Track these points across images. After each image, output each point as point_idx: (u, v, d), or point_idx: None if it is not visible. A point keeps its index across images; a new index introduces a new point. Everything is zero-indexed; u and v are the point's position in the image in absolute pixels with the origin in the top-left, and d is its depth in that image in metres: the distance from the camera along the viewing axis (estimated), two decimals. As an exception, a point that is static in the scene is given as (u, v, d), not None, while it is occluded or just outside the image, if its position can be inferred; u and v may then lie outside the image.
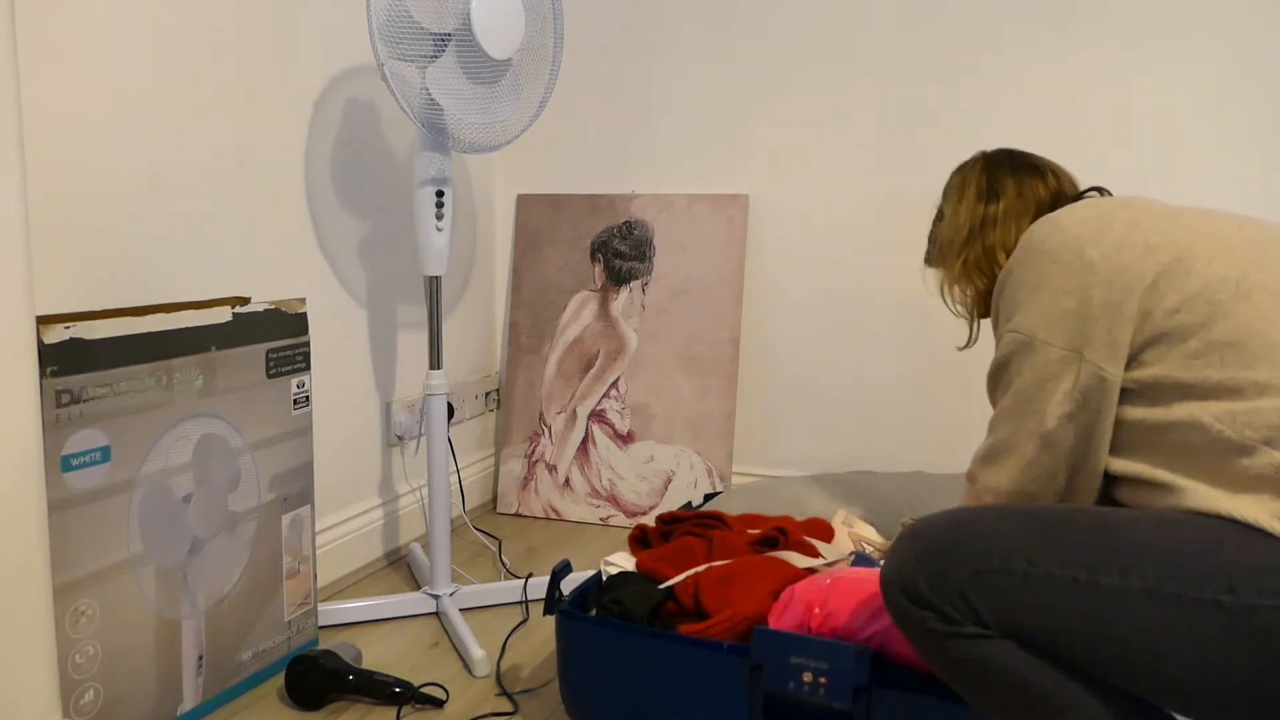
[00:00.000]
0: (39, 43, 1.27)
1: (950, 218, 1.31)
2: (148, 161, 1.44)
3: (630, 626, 1.25)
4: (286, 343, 1.49)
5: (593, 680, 1.26)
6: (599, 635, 1.25)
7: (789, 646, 1.14)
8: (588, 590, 1.36)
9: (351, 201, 1.86)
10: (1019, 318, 1.09)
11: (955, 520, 0.98)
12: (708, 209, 2.23)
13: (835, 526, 1.29)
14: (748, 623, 1.21)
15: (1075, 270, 1.05)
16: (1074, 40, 1.95)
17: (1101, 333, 1.02)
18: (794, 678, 1.14)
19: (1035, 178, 1.28)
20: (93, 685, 1.24)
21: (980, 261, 1.26)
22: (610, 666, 1.25)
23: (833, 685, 1.12)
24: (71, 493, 1.19)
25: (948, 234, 1.30)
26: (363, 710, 1.43)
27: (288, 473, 1.52)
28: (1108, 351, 1.02)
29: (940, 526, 0.98)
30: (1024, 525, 0.95)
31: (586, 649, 1.26)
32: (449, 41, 1.53)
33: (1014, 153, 1.33)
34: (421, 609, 1.75)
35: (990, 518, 0.97)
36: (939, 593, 0.94)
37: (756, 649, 1.16)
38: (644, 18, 2.26)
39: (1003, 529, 0.95)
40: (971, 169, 1.33)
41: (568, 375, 2.30)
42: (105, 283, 1.38)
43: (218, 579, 1.41)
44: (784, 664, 1.14)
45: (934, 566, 0.95)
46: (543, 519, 2.28)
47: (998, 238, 1.25)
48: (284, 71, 1.67)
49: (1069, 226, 1.08)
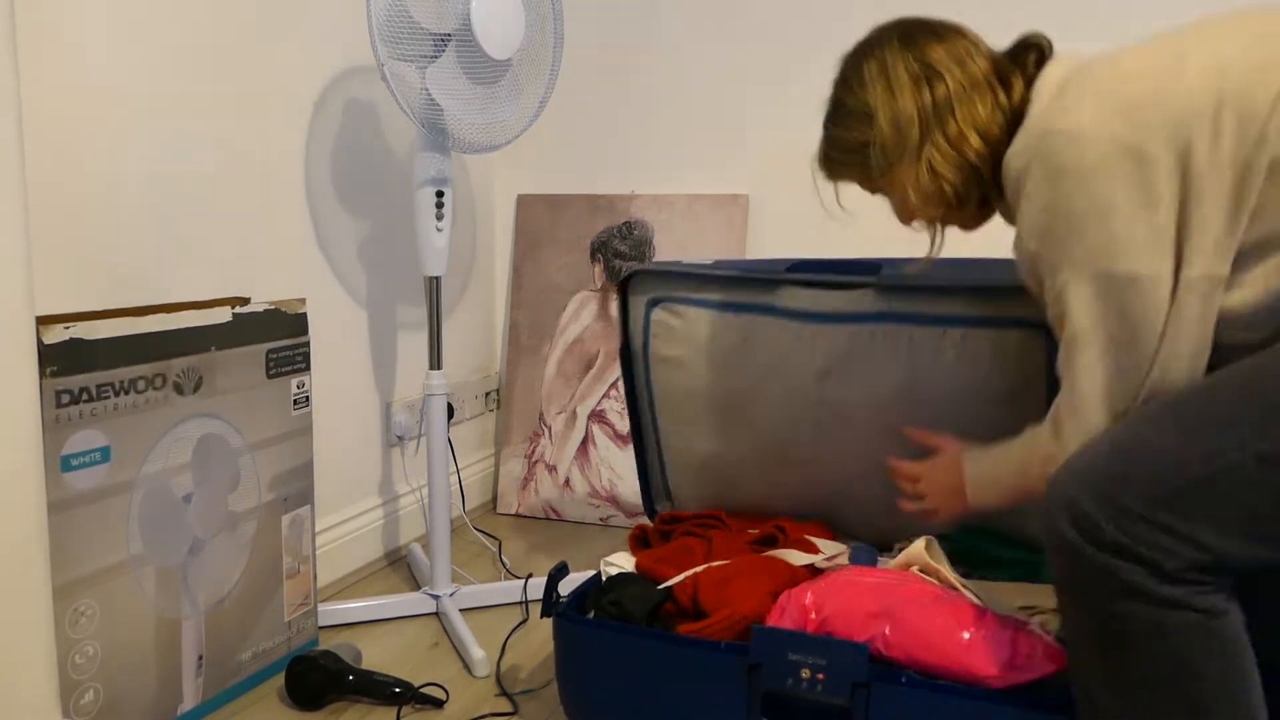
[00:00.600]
0: (39, 42, 1.27)
1: (887, 112, 1.12)
2: (148, 162, 1.44)
3: (627, 628, 1.25)
4: (286, 343, 1.49)
5: (591, 682, 1.26)
6: (596, 637, 1.25)
7: (787, 644, 1.14)
8: (586, 592, 1.36)
9: (351, 201, 1.86)
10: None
11: (1112, 448, 0.93)
12: (708, 209, 2.23)
13: (918, 553, 1.26)
14: (745, 621, 1.21)
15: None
16: (1076, 42, 1.95)
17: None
18: (792, 674, 1.14)
19: (960, 39, 1.14)
20: (93, 685, 1.24)
21: (948, 153, 1.11)
22: (608, 668, 1.24)
23: (831, 681, 1.12)
24: (71, 493, 1.19)
25: (891, 133, 1.12)
26: (363, 710, 1.43)
27: (288, 473, 1.52)
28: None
29: (1097, 460, 0.94)
30: (1169, 427, 0.92)
31: (584, 651, 1.26)
32: (449, 42, 1.53)
33: (916, 20, 1.17)
34: (421, 609, 1.75)
35: (1138, 434, 0.94)
36: (1134, 535, 0.89)
37: (755, 647, 1.16)
38: (644, 18, 2.26)
39: (1157, 441, 0.92)
40: (884, 49, 1.14)
41: (568, 375, 2.30)
42: (105, 283, 1.38)
43: (218, 579, 1.41)
44: (782, 661, 1.14)
45: (1115, 505, 0.90)
46: (543, 519, 2.28)
47: (963, 117, 1.10)
48: (284, 71, 1.67)
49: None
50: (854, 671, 1.11)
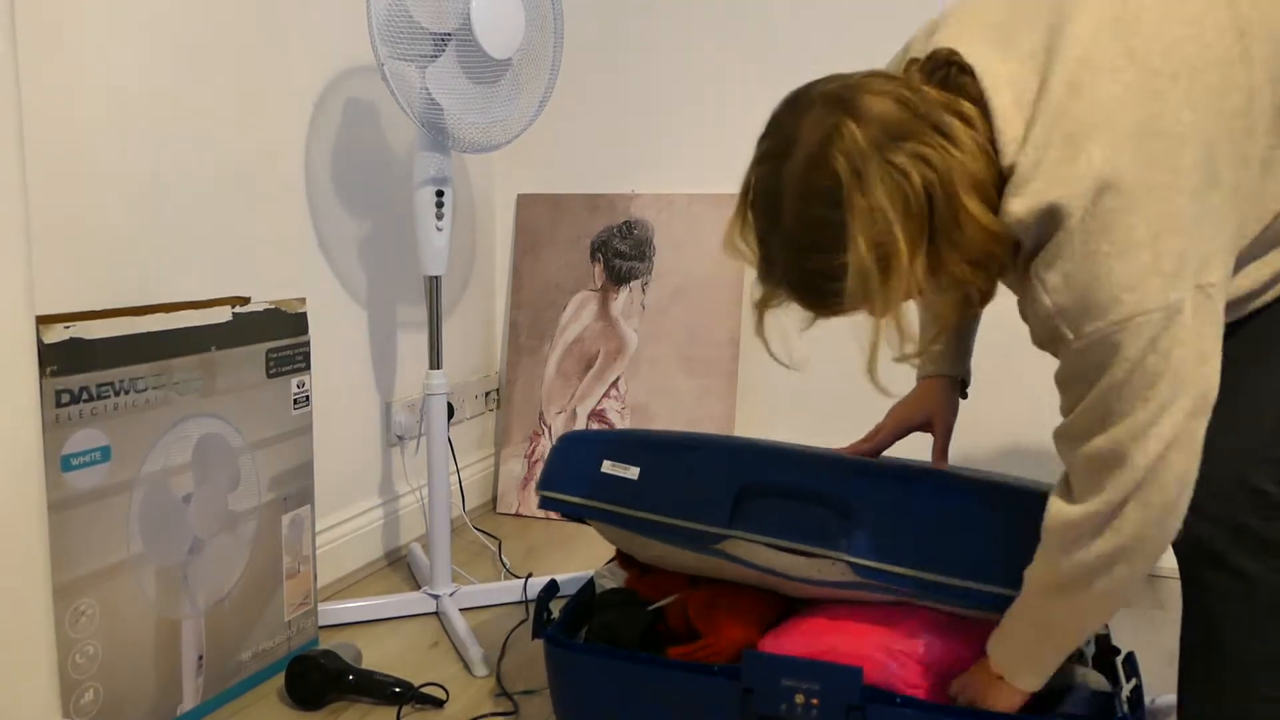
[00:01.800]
0: (39, 42, 1.27)
1: (867, 233, 0.87)
2: (148, 161, 1.44)
3: (618, 651, 1.22)
4: (286, 343, 1.49)
5: (584, 704, 1.24)
6: (587, 662, 1.22)
7: (780, 668, 1.12)
8: (576, 607, 1.34)
9: (351, 201, 1.86)
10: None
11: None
12: (708, 209, 2.23)
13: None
14: (734, 647, 1.19)
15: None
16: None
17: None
18: (786, 699, 1.11)
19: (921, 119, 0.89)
20: (93, 685, 1.24)
21: (946, 250, 0.90)
22: (600, 691, 1.22)
23: (825, 706, 1.10)
24: (72, 492, 1.19)
25: (868, 256, 0.87)
26: (363, 710, 1.43)
27: (288, 473, 1.52)
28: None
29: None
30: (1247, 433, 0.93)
31: (575, 674, 1.24)
32: (449, 41, 1.53)
33: (844, 97, 0.90)
34: (421, 609, 1.75)
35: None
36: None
37: (747, 672, 1.13)
38: (644, 18, 2.26)
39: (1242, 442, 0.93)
40: (843, 149, 0.88)
41: (568, 375, 2.31)
42: (105, 282, 1.38)
43: (218, 579, 1.41)
44: (775, 686, 1.12)
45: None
46: (543, 519, 2.28)
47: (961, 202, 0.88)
48: (284, 71, 1.67)
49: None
50: (848, 695, 1.09)
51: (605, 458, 1.25)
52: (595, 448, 1.28)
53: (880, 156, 0.87)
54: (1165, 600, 1.85)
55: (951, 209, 0.88)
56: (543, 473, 1.31)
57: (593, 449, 1.29)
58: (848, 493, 1.15)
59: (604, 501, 1.24)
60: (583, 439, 1.33)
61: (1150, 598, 1.86)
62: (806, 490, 1.16)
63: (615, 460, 1.24)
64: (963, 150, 0.88)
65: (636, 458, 1.24)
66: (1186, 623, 1.01)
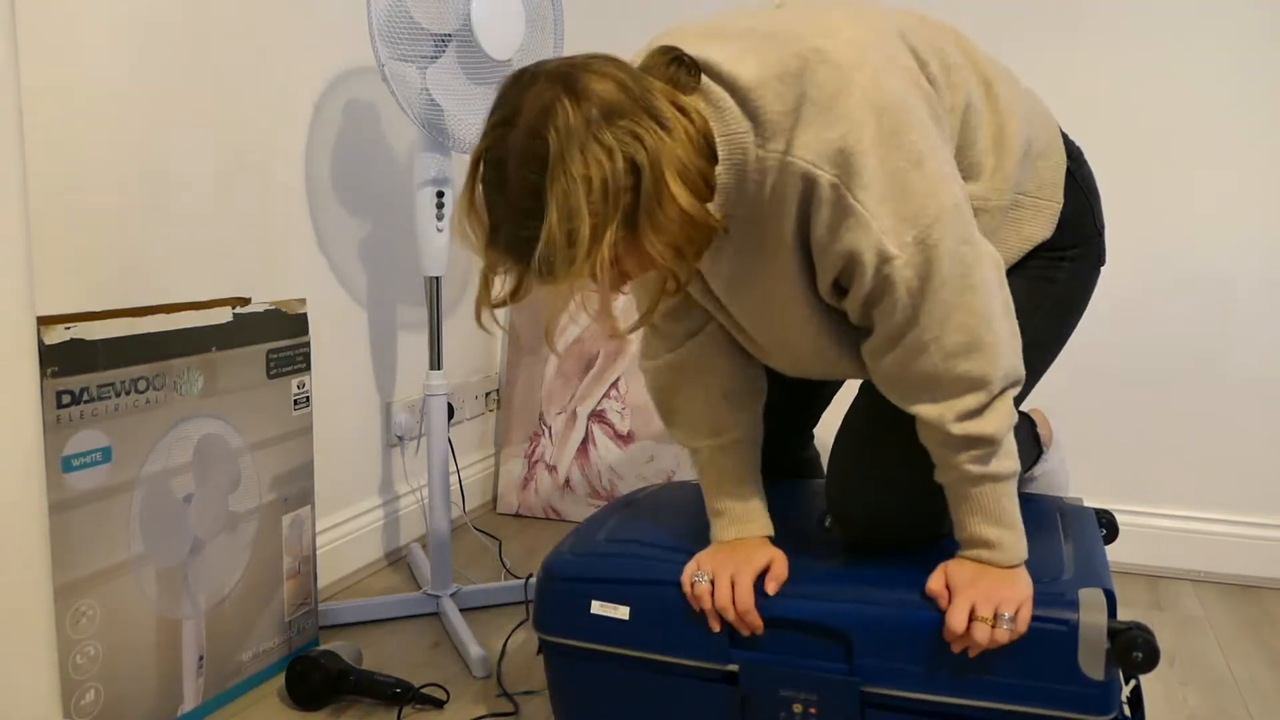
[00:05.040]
0: (39, 42, 1.27)
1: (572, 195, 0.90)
2: (148, 162, 1.44)
3: (617, 658, 1.20)
4: (286, 343, 1.49)
5: (584, 709, 1.24)
6: (586, 669, 1.22)
7: (778, 678, 1.12)
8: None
9: (351, 201, 1.86)
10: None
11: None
12: (708, 209, 2.23)
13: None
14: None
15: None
16: (1081, 41, 1.95)
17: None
18: (784, 709, 1.11)
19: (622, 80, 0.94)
20: (93, 686, 1.24)
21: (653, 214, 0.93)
22: (599, 696, 1.22)
23: (822, 716, 1.10)
24: (72, 493, 1.19)
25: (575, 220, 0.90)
26: (363, 710, 1.43)
27: (288, 473, 1.52)
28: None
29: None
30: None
31: (574, 680, 1.24)
32: (449, 42, 1.53)
33: (566, 74, 0.93)
34: (422, 609, 1.75)
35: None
36: None
37: (744, 680, 1.13)
38: (643, 19, 2.26)
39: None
40: (556, 124, 0.91)
41: (567, 375, 2.31)
42: (106, 283, 1.38)
43: (218, 579, 1.41)
44: (773, 696, 1.12)
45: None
46: (543, 519, 2.29)
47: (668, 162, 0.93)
48: (285, 72, 1.67)
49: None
50: (846, 705, 1.09)
51: (593, 598, 1.22)
52: (582, 586, 1.20)
53: (589, 133, 0.90)
54: (1165, 600, 1.85)
55: (657, 190, 0.92)
56: (535, 613, 1.24)
57: (579, 588, 1.21)
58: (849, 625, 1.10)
59: (603, 644, 1.20)
60: (565, 578, 1.23)
61: (1150, 598, 1.86)
62: (806, 623, 1.12)
63: (603, 600, 1.20)
64: (674, 138, 0.93)
65: (624, 597, 1.18)
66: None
